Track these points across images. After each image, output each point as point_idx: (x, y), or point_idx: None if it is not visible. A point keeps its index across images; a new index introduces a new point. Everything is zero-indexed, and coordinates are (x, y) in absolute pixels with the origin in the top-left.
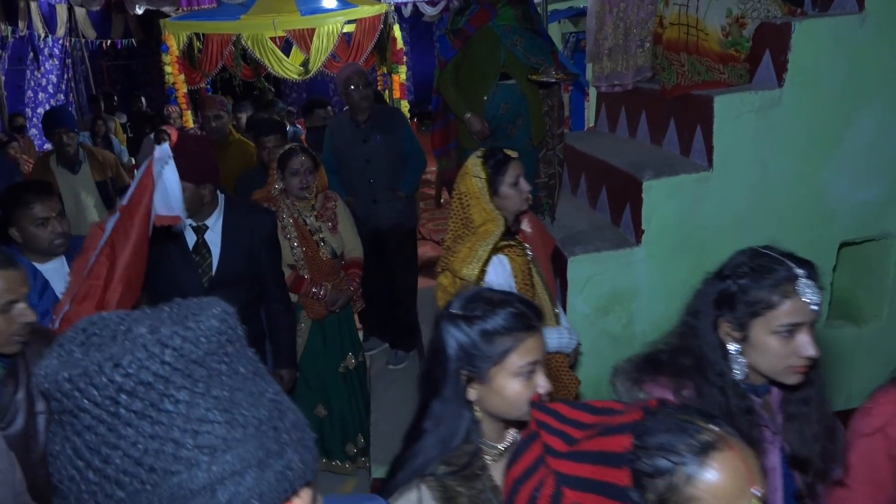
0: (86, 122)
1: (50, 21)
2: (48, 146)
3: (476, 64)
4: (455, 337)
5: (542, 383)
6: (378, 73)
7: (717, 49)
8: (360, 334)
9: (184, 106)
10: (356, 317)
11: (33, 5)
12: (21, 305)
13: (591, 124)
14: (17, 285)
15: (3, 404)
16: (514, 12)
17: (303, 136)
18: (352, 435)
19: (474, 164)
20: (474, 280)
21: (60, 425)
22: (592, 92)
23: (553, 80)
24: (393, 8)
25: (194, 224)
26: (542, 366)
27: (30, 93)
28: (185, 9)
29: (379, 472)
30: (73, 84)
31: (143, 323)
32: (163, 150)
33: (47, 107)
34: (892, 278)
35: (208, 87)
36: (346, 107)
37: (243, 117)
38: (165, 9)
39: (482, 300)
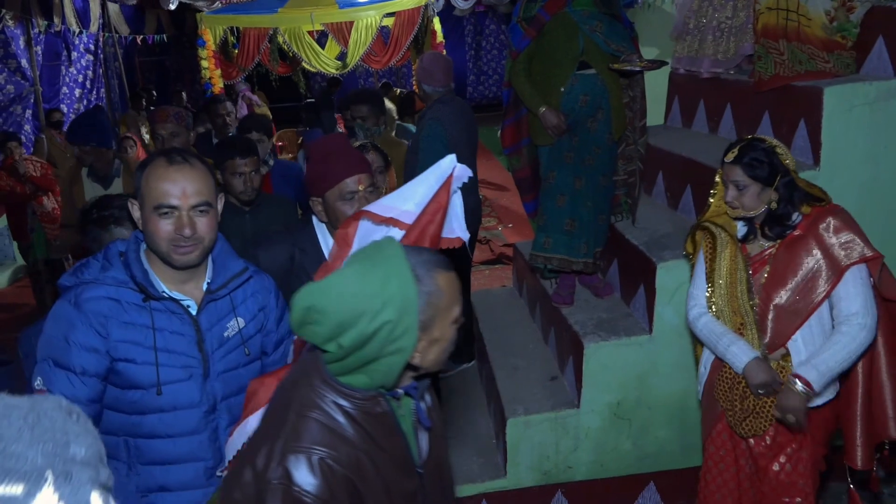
0: (124, 117)
1: (83, 16)
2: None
3: (552, 53)
4: None
5: None
6: (414, 68)
7: (821, 35)
8: None
9: None
10: None
11: (67, 0)
12: None
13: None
14: None
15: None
16: None
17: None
18: None
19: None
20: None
21: None
22: (658, 80)
23: (637, 69)
24: (433, 0)
25: None
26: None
27: (65, 89)
28: (223, 3)
29: None
30: (105, 80)
31: None
32: (464, 169)
33: (85, 103)
34: None
35: (242, 82)
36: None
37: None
38: (199, 4)
39: None
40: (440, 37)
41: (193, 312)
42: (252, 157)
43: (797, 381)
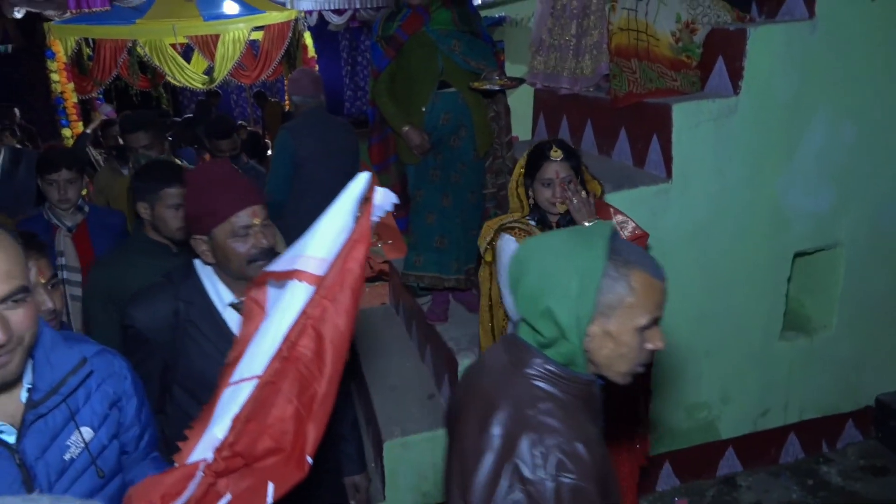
0: None
1: None
2: None
3: (412, 73)
4: None
5: None
6: (286, 83)
7: (668, 55)
8: None
9: (74, 117)
10: None
11: None
12: None
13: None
14: None
15: None
16: (450, 14)
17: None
18: None
19: (524, 154)
20: (484, 254)
21: None
22: (522, 96)
23: (497, 88)
24: (303, 14)
25: (236, 301)
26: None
27: None
28: (74, 12)
29: None
30: None
31: None
32: (387, 194)
33: None
34: (840, 288)
35: (100, 97)
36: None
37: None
38: (49, 12)
39: None
40: (312, 51)
41: (11, 441)
42: None
43: None
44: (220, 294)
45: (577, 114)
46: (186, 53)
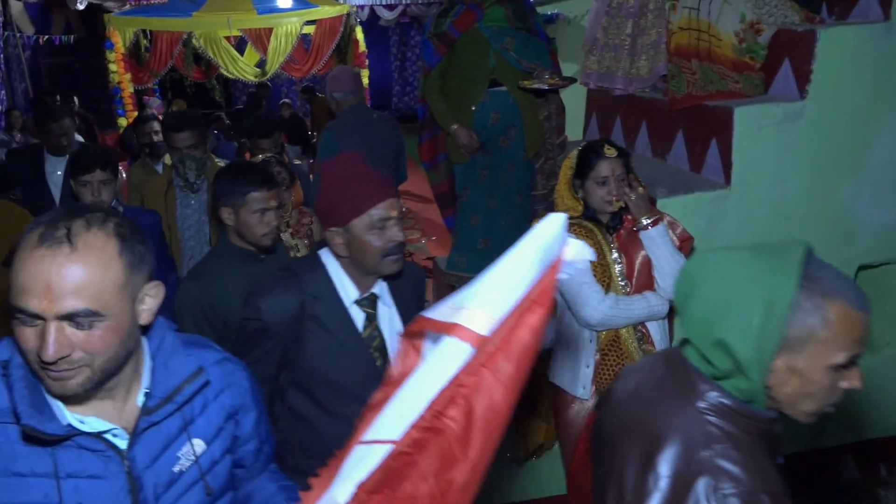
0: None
1: None
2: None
3: (463, 70)
4: None
5: None
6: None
7: (731, 55)
8: None
9: (129, 107)
10: None
11: None
12: None
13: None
14: None
15: None
16: (505, 11)
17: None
18: None
19: (574, 152)
20: None
21: None
22: (574, 96)
23: (546, 88)
24: (355, 9)
25: (360, 297)
26: None
27: None
28: (133, 3)
29: None
30: (7, 82)
31: None
32: (582, 248)
33: None
34: None
35: (156, 87)
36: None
37: None
38: (109, 4)
39: None
40: (363, 46)
41: (123, 446)
42: (275, 188)
43: None
44: (347, 289)
45: (631, 115)
46: (239, 46)
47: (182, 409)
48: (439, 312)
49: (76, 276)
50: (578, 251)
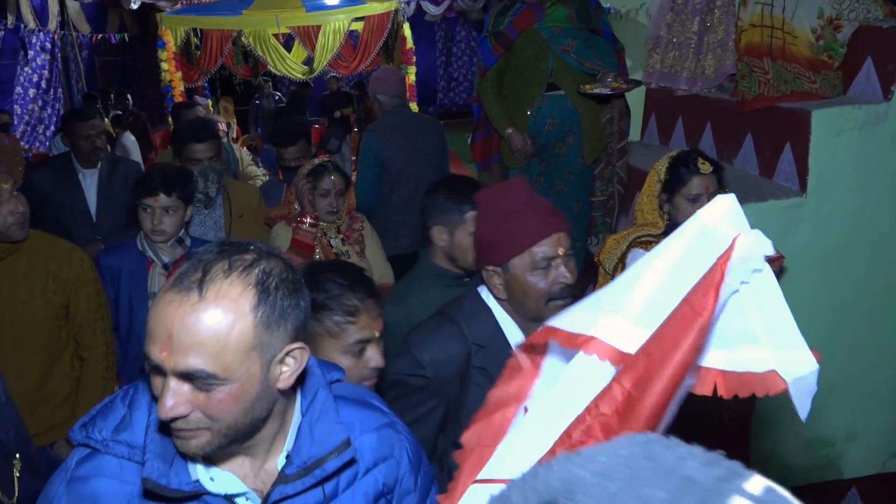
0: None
1: (41, 13)
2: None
3: (519, 73)
4: None
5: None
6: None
7: (806, 54)
8: None
9: None
10: None
11: None
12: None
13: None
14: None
15: None
16: (566, 11)
17: None
18: None
19: (662, 163)
20: (613, 270)
21: None
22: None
23: (608, 92)
24: (402, 5)
25: None
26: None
27: (19, 89)
28: (184, 2)
29: None
30: (63, 81)
31: None
32: (759, 240)
33: (40, 104)
34: None
35: (206, 85)
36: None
37: None
38: (161, 3)
39: None
40: (410, 43)
41: None
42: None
43: None
44: (514, 337)
45: (694, 116)
46: (287, 43)
47: (323, 483)
48: (570, 321)
49: (198, 331)
50: (755, 245)
